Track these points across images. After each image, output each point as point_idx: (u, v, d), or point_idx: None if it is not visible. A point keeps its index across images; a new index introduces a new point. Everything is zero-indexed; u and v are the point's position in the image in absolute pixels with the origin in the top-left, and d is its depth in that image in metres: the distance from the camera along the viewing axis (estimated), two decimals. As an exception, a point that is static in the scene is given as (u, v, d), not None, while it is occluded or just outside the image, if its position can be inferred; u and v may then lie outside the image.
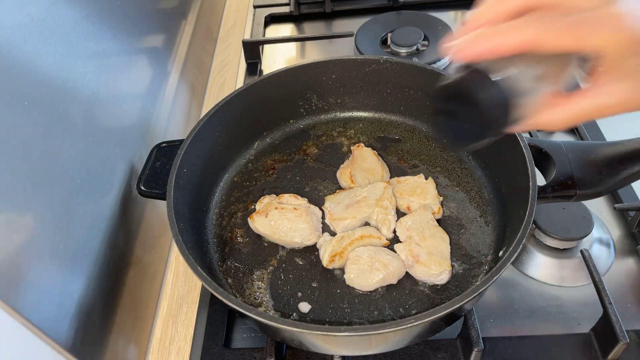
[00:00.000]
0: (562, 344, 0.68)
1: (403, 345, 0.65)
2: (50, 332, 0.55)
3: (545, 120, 0.46)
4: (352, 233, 0.73)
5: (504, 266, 0.58)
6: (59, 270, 0.59)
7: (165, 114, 0.95)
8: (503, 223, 0.74)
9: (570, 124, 0.46)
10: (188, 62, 1.09)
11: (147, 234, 0.83)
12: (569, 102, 0.45)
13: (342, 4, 1.33)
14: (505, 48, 0.42)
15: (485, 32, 0.43)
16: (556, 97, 0.46)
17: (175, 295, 0.82)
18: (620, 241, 0.80)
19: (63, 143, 0.61)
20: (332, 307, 0.69)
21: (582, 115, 0.45)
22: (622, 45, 0.40)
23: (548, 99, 0.46)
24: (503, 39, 0.42)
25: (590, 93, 0.44)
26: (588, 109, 0.45)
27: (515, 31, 0.41)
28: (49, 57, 0.59)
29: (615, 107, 0.44)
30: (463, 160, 0.85)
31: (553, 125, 0.46)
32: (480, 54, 0.43)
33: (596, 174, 0.66)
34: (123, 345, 0.72)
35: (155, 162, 0.77)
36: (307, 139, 0.92)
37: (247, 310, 0.57)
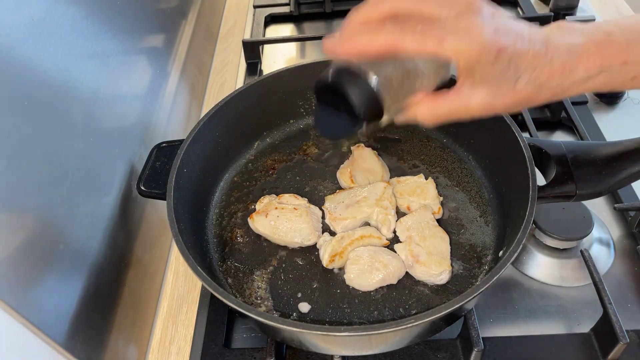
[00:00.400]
0: (562, 344, 0.68)
1: (403, 345, 0.65)
2: (50, 332, 0.55)
3: (415, 116, 0.51)
4: (352, 233, 0.73)
5: (504, 266, 0.58)
6: (59, 270, 0.59)
7: (165, 114, 0.95)
8: (503, 223, 0.74)
9: (437, 122, 0.51)
10: (188, 62, 1.09)
11: (147, 234, 0.83)
12: (435, 101, 0.50)
13: (342, 4, 1.33)
14: (368, 49, 0.46)
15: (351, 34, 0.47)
16: (427, 96, 0.51)
17: (175, 295, 0.82)
18: (620, 241, 0.80)
19: (63, 143, 0.61)
20: (332, 307, 0.69)
21: (447, 114, 0.50)
22: (474, 54, 0.44)
23: (420, 97, 0.51)
24: (366, 41, 0.46)
25: (453, 96, 0.49)
26: (452, 109, 0.50)
27: (377, 35, 0.46)
28: (49, 57, 0.59)
29: (475, 109, 0.49)
30: (463, 160, 0.85)
31: (422, 120, 0.51)
32: (347, 52, 0.48)
33: (596, 174, 0.66)
34: (123, 345, 0.72)
35: (155, 162, 0.77)
36: (307, 139, 0.92)
37: (247, 310, 0.57)
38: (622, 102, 1.02)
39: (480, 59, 0.44)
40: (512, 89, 0.47)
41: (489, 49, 0.44)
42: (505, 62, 0.45)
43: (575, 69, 0.46)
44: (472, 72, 0.46)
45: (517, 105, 0.49)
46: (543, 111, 1.01)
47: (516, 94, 0.47)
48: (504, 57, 0.44)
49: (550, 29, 0.48)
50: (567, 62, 0.46)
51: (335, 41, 0.48)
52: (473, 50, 0.44)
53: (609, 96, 1.02)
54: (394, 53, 0.46)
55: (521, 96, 0.48)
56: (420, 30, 0.44)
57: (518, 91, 0.47)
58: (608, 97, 1.02)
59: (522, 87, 0.47)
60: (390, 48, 0.46)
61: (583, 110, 1.00)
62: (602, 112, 1.01)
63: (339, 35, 0.49)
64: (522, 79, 0.46)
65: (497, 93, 0.47)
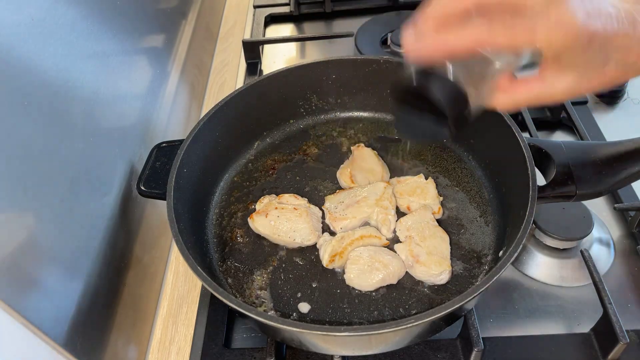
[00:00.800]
0: (562, 344, 0.68)
1: (403, 345, 0.65)
2: (50, 332, 0.55)
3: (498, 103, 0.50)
4: (352, 233, 0.73)
5: (504, 266, 0.58)
6: (59, 270, 0.59)
7: (165, 114, 0.95)
8: (503, 223, 0.74)
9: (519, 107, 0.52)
10: (188, 62, 1.09)
11: (147, 234, 0.83)
12: (519, 88, 0.49)
13: (342, 4, 1.33)
14: (457, 48, 0.45)
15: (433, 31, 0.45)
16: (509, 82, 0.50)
17: (175, 295, 0.82)
18: (620, 241, 0.80)
19: (63, 143, 0.61)
20: (332, 307, 0.69)
21: (531, 100, 0.49)
22: (559, 45, 0.43)
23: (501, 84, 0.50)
24: (454, 40, 0.44)
25: (537, 82, 0.48)
26: (535, 95, 0.49)
27: (465, 33, 0.44)
28: (49, 57, 0.59)
29: (559, 95, 0.48)
30: (463, 160, 0.85)
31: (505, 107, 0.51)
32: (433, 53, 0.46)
33: (596, 174, 0.66)
34: (123, 345, 0.72)
35: (155, 162, 0.77)
36: (307, 139, 0.92)
37: (247, 310, 0.57)
38: (622, 102, 1.02)
39: (571, 47, 0.43)
40: (600, 72, 0.46)
41: (581, 36, 0.42)
42: (596, 47, 0.43)
43: None
44: (559, 59, 0.45)
45: (604, 86, 0.48)
46: (543, 111, 1.01)
47: (603, 77, 0.46)
48: (595, 43, 0.43)
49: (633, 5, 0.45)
50: None
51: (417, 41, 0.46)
52: (566, 40, 0.42)
53: (609, 96, 1.02)
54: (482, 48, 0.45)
55: (608, 78, 0.46)
56: (510, 23, 0.43)
57: (605, 74, 0.46)
58: (608, 97, 1.02)
59: (611, 69, 0.45)
60: (480, 45, 0.44)
61: (583, 110, 1.00)
62: (602, 112, 1.01)
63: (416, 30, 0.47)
64: (611, 61, 0.45)
65: (584, 77, 0.46)
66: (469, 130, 0.82)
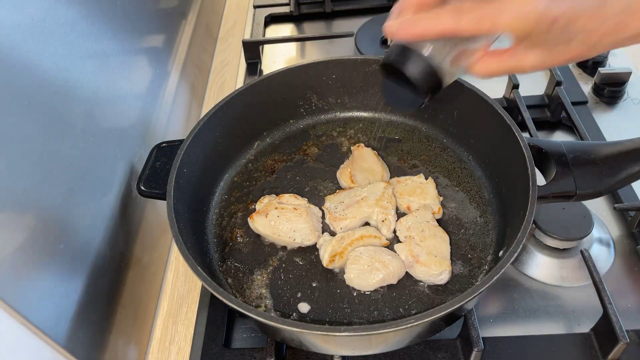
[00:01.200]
0: (562, 344, 0.68)
1: (403, 345, 0.65)
2: (50, 332, 0.55)
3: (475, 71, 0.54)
4: (352, 233, 0.73)
5: (504, 266, 0.58)
6: (59, 270, 0.59)
7: (165, 114, 0.95)
8: (503, 223, 0.74)
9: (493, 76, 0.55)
10: (188, 62, 1.09)
11: (147, 234, 0.83)
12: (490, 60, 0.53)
13: (342, 4, 1.33)
14: (428, 34, 0.50)
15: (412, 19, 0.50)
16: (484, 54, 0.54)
17: (175, 295, 0.82)
18: (620, 241, 0.80)
19: (63, 143, 0.61)
20: (332, 307, 0.69)
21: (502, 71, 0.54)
22: (528, 27, 0.46)
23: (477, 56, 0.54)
24: (426, 26, 0.49)
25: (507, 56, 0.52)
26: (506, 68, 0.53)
27: (435, 20, 0.48)
28: (49, 57, 0.59)
29: (528, 68, 0.52)
30: (463, 160, 0.85)
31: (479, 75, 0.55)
32: (409, 37, 0.52)
33: (596, 174, 0.66)
34: (123, 345, 0.72)
35: (155, 162, 0.77)
36: (307, 139, 0.92)
37: (247, 310, 0.57)
38: (622, 102, 1.02)
39: (533, 30, 0.46)
40: (566, 49, 0.48)
41: (542, 20, 0.45)
42: (558, 30, 0.46)
43: (629, 25, 0.46)
44: (524, 39, 0.49)
45: (570, 61, 0.51)
46: (543, 111, 1.01)
47: (569, 53, 0.49)
48: (557, 26, 0.46)
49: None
50: (621, 21, 0.46)
51: (396, 26, 0.51)
52: (526, 25, 0.46)
53: (608, 96, 1.02)
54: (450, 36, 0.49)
55: (573, 54, 0.49)
56: (476, 12, 0.46)
57: (570, 51, 0.48)
58: (608, 97, 1.02)
59: (575, 47, 0.48)
60: (448, 33, 0.48)
61: (583, 110, 1.00)
62: (602, 112, 1.01)
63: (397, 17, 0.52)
64: (575, 40, 0.47)
65: (551, 53, 0.49)
66: (469, 130, 0.83)
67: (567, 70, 1.08)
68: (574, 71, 1.09)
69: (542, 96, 1.03)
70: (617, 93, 1.02)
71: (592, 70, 1.07)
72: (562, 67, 1.07)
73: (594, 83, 1.04)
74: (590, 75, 1.08)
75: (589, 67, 1.08)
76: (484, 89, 0.78)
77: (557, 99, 0.98)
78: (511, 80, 1.00)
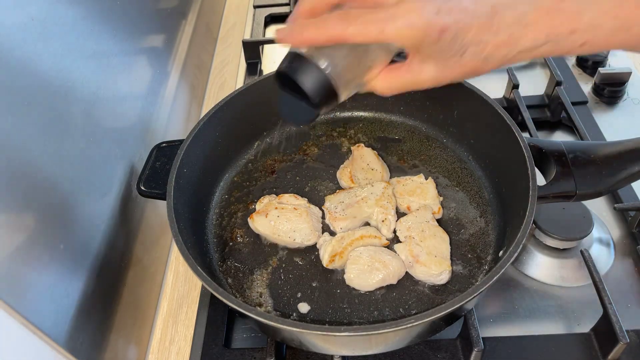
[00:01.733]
0: (562, 344, 0.68)
1: (403, 345, 0.65)
2: (50, 332, 0.55)
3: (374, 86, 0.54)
4: (352, 233, 0.73)
5: (504, 266, 0.58)
6: (59, 270, 0.59)
7: (165, 114, 0.95)
8: (503, 223, 0.74)
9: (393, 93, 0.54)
10: (188, 62, 1.09)
11: (147, 234, 0.83)
12: (389, 76, 0.53)
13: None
14: (319, 40, 0.48)
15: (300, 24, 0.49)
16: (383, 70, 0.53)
17: (175, 295, 0.82)
18: (620, 241, 0.80)
19: (63, 143, 0.61)
20: (332, 307, 0.69)
21: (401, 87, 0.53)
22: (416, 37, 0.46)
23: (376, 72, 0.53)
24: (316, 32, 0.48)
25: (404, 72, 0.51)
26: (405, 83, 0.52)
27: (326, 26, 0.47)
28: (49, 57, 0.59)
29: (426, 82, 0.51)
30: (463, 160, 0.85)
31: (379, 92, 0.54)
32: (296, 42, 0.50)
33: (596, 174, 0.66)
34: (123, 345, 0.72)
35: (155, 162, 0.77)
36: (307, 139, 0.92)
37: (247, 310, 0.57)
38: (622, 102, 1.02)
39: (423, 40, 0.46)
40: (459, 62, 0.48)
41: (430, 31, 0.45)
42: (448, 41, 0.46)
43: (522, 39, 0.47)
44: (418, 50, 0.48)
45: (466, 76, 0.50)
46: (543, 111, 1.01)
47: (463, 67, 0.49)
48: (446, 36, 0.45)
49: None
50: (513, 34, 0.46)
51: (285, 32, 0.50)
52: (414, 34, 0.45)
53: (608, 96, 1.02)
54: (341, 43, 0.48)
55: (468, 68, 0.49)
56: (362, 19, 0.46)
57: (464, 64, 0.48)
58: (608, 97, 1.02)
59: (468, 60, 0.48)
60: (336, 39, 0.47)
61: (583, 110, 1.00)
62: (602, 112, 1.01)
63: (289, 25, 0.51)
64: (467, 53, 0.47)
65: (445, 67, 0.49)
66: (469, 130, 0.83)
67: (567, 70, 1.08)
68: (574, 71, 1.09)
69: (542, 96, 1.03)
70: (617, 93, 1.02)
71: (592, 70, 1.08)
72: (562, 67, 1.07)
73: (594, 83, 1.04)
74: (590, 75, 1.08)
75: (589, 67, 1.09)
76: (484, 89, 0.78)
77: (557, 99, 0.98)
78: (511, 80, 1.00)
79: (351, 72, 0.52)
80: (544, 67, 1.11)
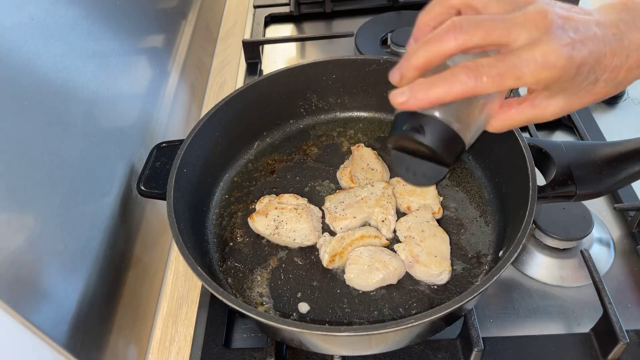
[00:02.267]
0: (562, 344, 0.68)
1: (403, 345, 0.65)
2: (50, 332, 0.55)
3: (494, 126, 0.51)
4: (352, 233, 0.73)
5: (504, 266, 0.58)
6: (59, 270, 0.59)
7: (165, 114, 0.95)
8: (503, 223, 0.74)
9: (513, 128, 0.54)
10: (188, 62, 1.09)
11: (147, 234, 0.83)
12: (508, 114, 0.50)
13: (342, 4, 1.33)
14: (446, 98, 0.44)
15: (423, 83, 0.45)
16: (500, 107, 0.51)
17: (175, 295, 0.82)
18: (620, 241, 0.80)
19: (63, 143, 0.61)
20: (332, 307, 0.69)
21: (523, 122, 0.51)
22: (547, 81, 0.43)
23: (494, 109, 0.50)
24: (442, 93, 0.44)
25: (528, 106, 0.49)
26: (528, 117, 0.50)
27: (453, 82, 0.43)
28: (49, 57, 0.59)
29: (550, 116, 0.49)
30: (463, 160, 0.85)
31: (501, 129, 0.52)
32: (425, 105, 0.45)
33: (596, 174, 0.66)
34: (123, 345, 0.72)
35: (155, 162, 0.77)
36: (307, 139, 0.92)
37: (247, 310, 0.57)
38: (622, 102, 1.02)
39: (561, 78, 0.43)
40: (591, 91, 0.46)
41: (570, 66, 0.43)
42: (584, 74, 0.44)
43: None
44: (549, 88, 0.46)
45: (595, 102, 0.49)
46: (543, 111, 1.01)
47: (594, 95, 0.47)
48: (583, 70, 0.44)
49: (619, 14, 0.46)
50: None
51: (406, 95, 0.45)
52: (555, 73, 0.43)
53: (609, 96, 1.02)
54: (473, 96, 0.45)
55: (600, 95, 0.47)
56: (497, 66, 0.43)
57: (596, 92, 0.47)
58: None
59: (602, 88, 0.46)
60: (468, 95, 0.44)
61: (583, 110, 0.99)
62: (602, 112, 1.01)
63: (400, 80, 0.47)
64: (600, 81, 0.46)
65: (575, 98, 0.47)
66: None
67: (567, 70, 1.08)
68: (574, 71, 1.09)
69: (542, 96, 1.03)
70: (617, 93, 1.02)
71: (592, 70, 1.07)
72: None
73: (594, 83, 1.04)
74: (590, 75, 1.07)
75: (589, 67, 1.08)
76: (484, 89, 0.78)
77: (557, 99, 0.98)
78: (511, 80, 0.99)
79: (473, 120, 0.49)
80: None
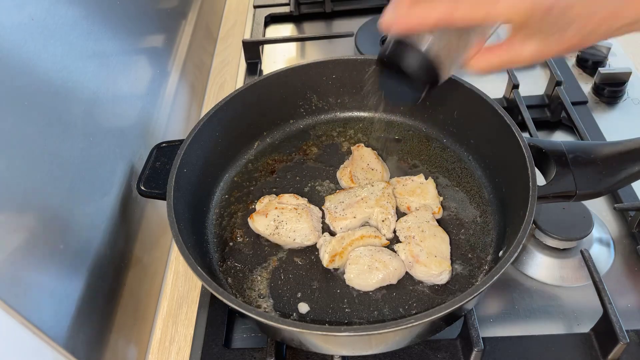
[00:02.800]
0: (562, 344, 0.68)
1: (403, 345, 0.65)
2: (50, 332, 0.55)
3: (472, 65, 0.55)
4: (352, 233, 0.73)
5: (504, 266, 0.58)
6: (59, 270, 0.59)
7: (165, 114, 0.95)
8: (503, 223, 0.74)
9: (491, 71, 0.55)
10: (188, 62, 1.09)
11: (147, 234, 0.83)
12: (488, 55, 0.54)
13: (342, 4, 1.33)
14: (424, 24, 0.49)
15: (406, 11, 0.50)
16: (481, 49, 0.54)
17: (175, 295, 0.82)
18: (620, 241, 0.80)
19: (63, 143, 0.61)
20: (332, 307, 0.69)
21: (499, 65, 0.54)
22: (523, 15, 0.46)
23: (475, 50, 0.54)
24: (421, 17, 0.49)
25: (504, 50, 0.52)
26: (504, 61, 0.53)
27: (430, 10, 0.48)
28: (49, 57, 0.59)
29: (526, 60, 0.52)
30: (463, 160, 0.85)
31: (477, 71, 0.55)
32: (405, 28, 0.51)
33: (596, 174, 0.66)
34: (123, 345, 0.72)
35: (155, 162, 0.77)
36: (307, 139, 0.92)
37: (247, 310, 0.57)
38: (622, 102, 1.02)
39: (530, 18, 0.46)
40: (562, 38, 0.48)
41: (538, 8, 0.45)
42: (554, 17, 0.46)
43: (625, 12, 0.47)
44: (522, 29, 0.48)
45: (567, 51, 0.51)
46: (543, 111, 1.01)
47: (565, 43, 0.49)
48: (553, 13, 0.46)
49: None
50: (615, 8, 0.46)
51: (391, 19, 0.51)
52: (523, 12, 0.46)
53: (608, 96, 1.02)
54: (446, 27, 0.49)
55: (571, 44, 0.49)
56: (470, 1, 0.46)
57: (567, 40, 0.48)
58: (608, 97, 1.02)
59: (571, 36, 0.48)
60: (443, 23, 0.48)
61: (583, 110, 1.00)
62: (602, 112, 1.01)
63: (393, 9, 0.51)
64: (571, 28, 0.47)
65: (547, 43, 0.49)
66: (469, 130, 0.83)
67: (567, 70, 1.08)
68: (574, 71, 1.09)
69: (542, 96, 1.03)
70: (617, 93, 1.02)
71: (592, 70, 1.07)
72: (562, 67, 1.07)
73: (594, 83, 1.04)
74: (590, 75, 1.08)
75: (589, 67, 1.09)
76: (484, 88, 0.78)
77: (557, 99, 0.98)
78: (511, 80, 1.00)
79: (451, 55, 0.54)
80: (544, 67, 1.11)
